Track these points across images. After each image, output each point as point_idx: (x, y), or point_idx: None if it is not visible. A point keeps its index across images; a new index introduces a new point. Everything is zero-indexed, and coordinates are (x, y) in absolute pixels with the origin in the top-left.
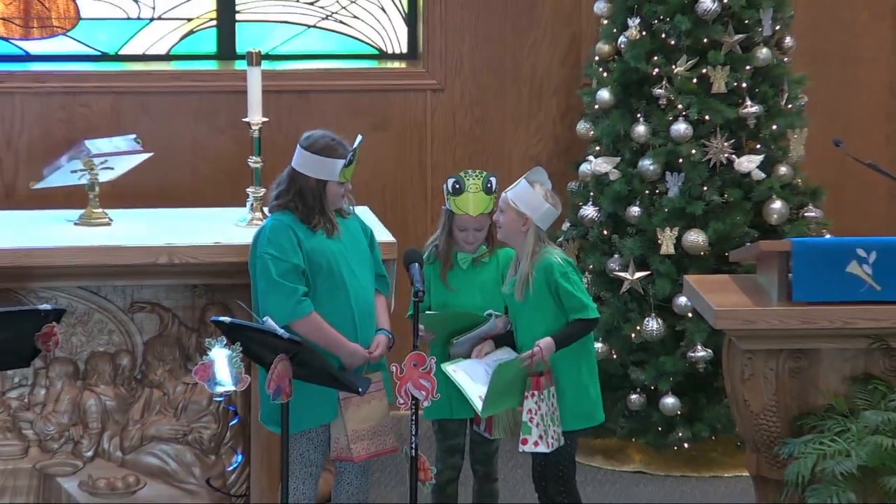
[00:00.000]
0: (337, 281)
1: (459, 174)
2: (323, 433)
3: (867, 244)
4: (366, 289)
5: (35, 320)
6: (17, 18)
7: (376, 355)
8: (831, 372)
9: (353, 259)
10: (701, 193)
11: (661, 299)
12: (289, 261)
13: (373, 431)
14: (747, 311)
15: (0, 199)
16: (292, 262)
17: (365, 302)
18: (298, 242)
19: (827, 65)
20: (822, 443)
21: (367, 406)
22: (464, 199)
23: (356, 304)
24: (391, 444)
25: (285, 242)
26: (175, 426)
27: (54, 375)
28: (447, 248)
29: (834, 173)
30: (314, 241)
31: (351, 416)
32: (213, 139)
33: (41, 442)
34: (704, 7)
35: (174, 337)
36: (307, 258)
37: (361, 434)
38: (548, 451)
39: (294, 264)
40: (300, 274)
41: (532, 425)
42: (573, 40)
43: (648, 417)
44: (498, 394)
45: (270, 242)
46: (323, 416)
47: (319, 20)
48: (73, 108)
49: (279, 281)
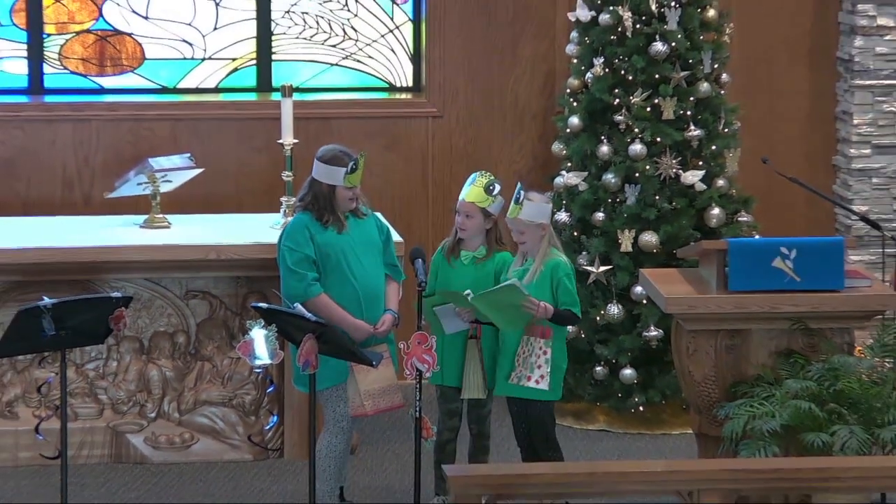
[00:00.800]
0: (344, 269)
1: (475, 173)
2: (346, 392)
3: (789, 243)
4: (373, 276)
5: (108, 305)
6: (94, 59)
7: (381, 331)
8: (760, 348)
9: (362, 251)
10: (654, 202)
11: (621, 289)
12: (302, 251)
13: (382, 391)
14: (692, 298)
15: (80, 207)
16: (305, 252)
17: (371, 286)
18: (311, 237)
19: (756, 97)
20: (751, 406)
21: (376, 371)
22: (466, 189)
23: (361, 288)
24: (398, 401)
25: (300, 237)
26: (222, 392)
27: (123, 351)
28: (454, 243)
29: (762, 185)
30: (326, 236)
31: (362, 379)
32: (253, 157)
33: (113, 405)
34: (656, 49)
35: (221, 319)
36: (319, 250)
37: (372, 393)
38: (547, 389)
39: (306, 255)
40: (311, 263)
41: (535, 367)
42: (549, 76)
43: (611, 385)
44: (492, 301)
45: (288, 237)
46: (338, 377)
47: (340, 59)
48: (139, 132)
49: (293, 268)
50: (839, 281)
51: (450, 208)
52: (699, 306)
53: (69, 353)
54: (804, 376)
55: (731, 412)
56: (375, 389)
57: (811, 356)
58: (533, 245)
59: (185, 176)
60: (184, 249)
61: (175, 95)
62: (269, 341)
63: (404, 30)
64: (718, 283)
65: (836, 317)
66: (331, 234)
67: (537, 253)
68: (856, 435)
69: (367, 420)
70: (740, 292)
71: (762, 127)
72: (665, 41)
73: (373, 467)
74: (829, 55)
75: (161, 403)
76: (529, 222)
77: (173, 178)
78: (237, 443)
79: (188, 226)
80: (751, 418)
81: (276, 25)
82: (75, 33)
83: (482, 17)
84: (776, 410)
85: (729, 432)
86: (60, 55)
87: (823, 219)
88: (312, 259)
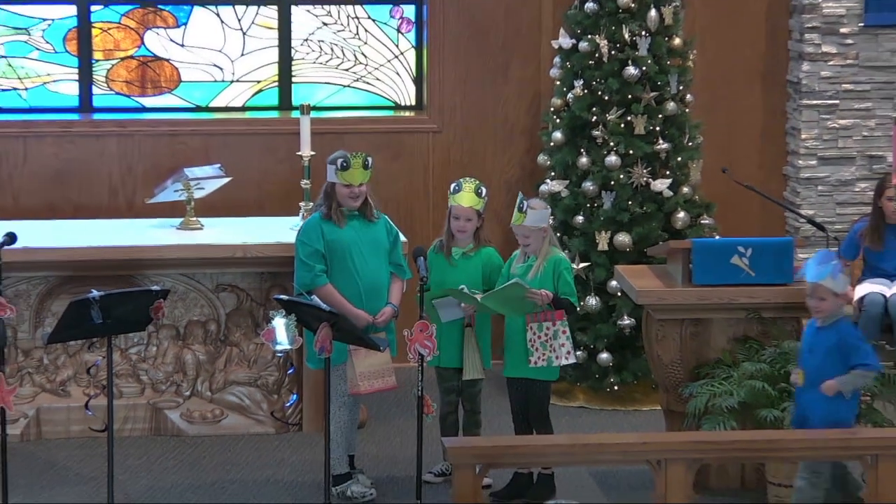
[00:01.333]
0: (349, 263)
1: (460, 180)
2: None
3: (745, 243)
4: (375, 271)
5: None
6: (136, 81)
7: (380, 321)
8: (720, 335)
9: (367, 249)
10: (627, 206)
11: (599, 283)
12: (313, 246)
13: (376, 373)
14: (660, 291)
15: (123, 211)
16: (315, 247)
17: (373, 281)
18: (322, 234)
19: (716, 114)
20: (712, 385)
21: (372, 355)
22: (460, 196)
23: (363, 282)
24: (392, 383)
25: (312, 234)
26: (248, 374)
27: (162, 337)
28: (448, 242)
29: (722, 192)
30: (334, 234)
31: (359, 363)
32: (275, 167)
33: (153, 384)
34: (629, 73)
35: (247, 310)
36: (328, 246)
37: (366, 374)
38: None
39: (316, 249)
40: (321, 257)
41: (560, 346)
42: (534, 96)
43: (589, 368)
44: (499, 298)
45: (303, 233)
46: (338, 358)
47: (352, 82)
48: (175, 146)
49: (304, 260)
50: (789, 276)
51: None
52: (667, 298)
53: (115, 339)
54: (758, 359)
55: (694, 391)
56: (370, 371)
57: (764, 342)
58: (536, 246)
59: (216, 184)
60: (214, 248)
61: (207, 113)
62: (289, 329)
63: (408, 56)
64: (684, 278)
65: (786, 307)
66: (340, 233)
67: (539, 252)
68: None
69: (374, 399)
70: (703, 286)
71: (722, 141)
72: (637, 66)
73: (380, 440)
74: (780, 78)
75: (195, 383)
76: (534, 227)
77: (205, 185)
78: (261, 418)
79: (218, 227)
80: (712, 396)
81: (296, 52)
82: (120, 59)
83: (476, 44)
84: (734, 389)
85: (693, 409)
86: (107, 78)
87: (775, 222)
88: (321, 253)
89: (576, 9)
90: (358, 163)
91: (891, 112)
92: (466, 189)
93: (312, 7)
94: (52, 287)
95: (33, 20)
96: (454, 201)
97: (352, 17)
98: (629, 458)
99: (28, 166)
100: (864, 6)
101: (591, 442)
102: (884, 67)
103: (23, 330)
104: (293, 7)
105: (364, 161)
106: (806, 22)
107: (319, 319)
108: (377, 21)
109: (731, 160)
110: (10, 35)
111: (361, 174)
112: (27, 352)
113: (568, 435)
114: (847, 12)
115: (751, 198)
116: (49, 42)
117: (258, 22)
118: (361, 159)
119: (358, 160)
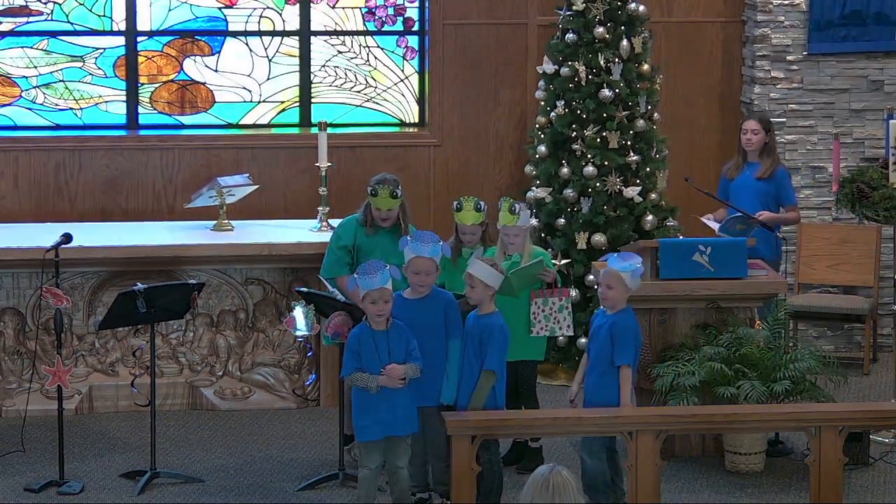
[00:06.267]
0: None
1: (460, 199)
2: None
3: (705, 242)
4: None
5: (186, 289)
6: (176, 102)
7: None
8: (683, 322)
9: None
10: (602, 211)
11: (578, 277)
12: (342, 239)
13: None
14: None
15: (164, 214)
16: (344, 242)
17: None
18: (354, 233)
19: (679, 131)
20: (677, 366)
21: None
22: (463, 215)
23: None
24: None
25: (346, 231)
26: (273, 356)
27: (198, 324)
28: (457, 245)
29: (684, 198)
30: (365, 239)
31: None
32: (297, 177)
33: (190, 365)
34: (604, 95)
35: (272, 300)
36: (358, 246)
37: None
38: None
39: (344, 244)
40: (347, 251)
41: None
42: (522, 115)
43: (569, 351)
44: (524, 273)
45: (340, 227)
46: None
47: (363, 101)
48: (210, 158)
49: (333, 249)
50: (743, 271)
51: (448, 215)
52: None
53: (157, 326)
54: (717, 344)
55: (661, 371)
56: None
57: (722, 329)
58: (520, 244)
59: (245, 191)
60: (243, 247)
61: (237, 130)
62: (308, 317)
63: (412, 80)
64: (651, 273)
65: (741, 298)
66: (369, 238)
67: (523, 248)
68: (756, 388)
69: None
70: (668, 280)
71: (684, 154)
72: (611, 88)
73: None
74: (734, 99)
75: (226, 364)
76: (523, 227)
77: (236, 192)
78: (284, 395)
79: (247, 229)
80: (676, 376)
81: (315, 76)
82: (162, 83)
83: (471, 70)
84: (695, 370)
85: (660, 386)
86: (151, 99)
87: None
88: (349, 248)
89: (558, 39)
90: (385, 192)
91: (831, 129)
92: (467, 207)
93: (329, 38)
94: (102, 281)
95: (87, 49)
96: (459, 220)
97: (363, 46)
98: (604, 430)
99: (83, 175)
100: (807, 37)
101: (571, 416)
102: (825, 90)
103: (77, 318)
104: (312, 38)
105: (392, 192)
106: (757, 51)
107: (334, 308)
108: (385, 49)
109: (692, 170)
110: (67, 62)
111: (387, 202)
112: (81, 337)
113: (551, 409)
114: (793, 42)
115: (709, 203)
116: (101, 68)
117: (282, 51)
118: (389, 190)
119: (386, 190)
